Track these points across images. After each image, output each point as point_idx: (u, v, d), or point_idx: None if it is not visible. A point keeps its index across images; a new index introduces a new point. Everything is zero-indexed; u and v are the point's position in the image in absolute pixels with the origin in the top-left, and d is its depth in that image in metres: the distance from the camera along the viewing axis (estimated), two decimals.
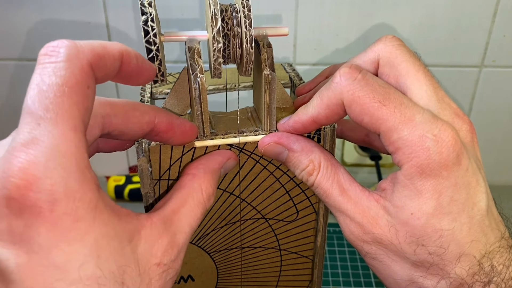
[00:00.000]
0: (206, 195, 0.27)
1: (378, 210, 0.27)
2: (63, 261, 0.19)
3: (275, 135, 0.29)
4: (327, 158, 0.29)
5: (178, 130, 0.27)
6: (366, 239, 0.27)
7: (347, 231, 0.28)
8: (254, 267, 0.36)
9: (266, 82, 0.28)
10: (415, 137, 0.24)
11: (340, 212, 0.28)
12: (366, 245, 0.27)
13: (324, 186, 0.28)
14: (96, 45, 0.21)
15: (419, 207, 0.25)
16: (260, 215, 0.34)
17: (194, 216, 0.26)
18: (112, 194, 0.64)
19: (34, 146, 0.19)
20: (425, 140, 0.24)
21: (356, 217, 0.27)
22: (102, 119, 0.24)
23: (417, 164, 0.25)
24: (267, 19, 0.57)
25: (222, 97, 0.35)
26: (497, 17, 0.56)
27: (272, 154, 0.30)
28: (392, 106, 0.25)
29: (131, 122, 0.25)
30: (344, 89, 0.26)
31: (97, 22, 0.57)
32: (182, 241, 0.25)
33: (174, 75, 0.37)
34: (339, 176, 0.28)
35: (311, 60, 0.60)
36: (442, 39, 0.58)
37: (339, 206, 0.28)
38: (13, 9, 0.57)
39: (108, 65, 0.22)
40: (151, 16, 0.26)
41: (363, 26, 0.57)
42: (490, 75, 0.60)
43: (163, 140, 0.28)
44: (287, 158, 0.29)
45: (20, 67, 0.60)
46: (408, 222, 0.25)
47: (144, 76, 0.25)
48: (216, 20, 0.27)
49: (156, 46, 0.26)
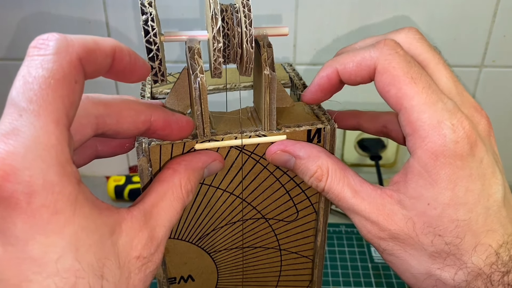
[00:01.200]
0: (185, 191, 0.27)
1: (392, 206, 0.27)
2: (40, 253, 0.19)
3: (282, 143, 0.29)
4: (335, 162, 0.29)
5: (175, 126, 0.27)
6: (383, 236, 0.27)
7: (364, 231, 0.28)
8: (254, 267, 0.36)
9: (266, 82, 0.28)
10: (434, 121, 0.25)
11: (354, 214, 0.28)
12: (383, 242, 0.28)
13: (335, 190, 0.28)
14: (87, 40, 0.21)
15: (435, 197, 0.25)
16: (260, 215, 0.34)
17: (174, 211, 0.26)
18: (112, 194, 0.64)
19: (14, 137, 0.18)
20: (443, 127, 0.25)
21: (371, 216, 0.27)
22: (96, 119, 0.24)
23: (432, 150, 0.25)
24: (267, 19, 0.57)
25: (222, 97, 0.35)
26: (497, 17, 0.56)
27: (280, 162, 0.30)
28: (421, 85, 0.25)
29: (126, 122, 0.25)
30: (382, 55, 0.26)
31: (97, 21, 0.57)
32: (161, 235, 0.24)
33: (174, 75, 0.37)
34: (349, 178, 0.28)
35: (311, 60, 0.60)
36: (442, 39, 0.58)
37: (353, 208, 0.28)
38: (12, 8, 0.57)
39: (99, 61, 0.22)
40: (151, 16, 0.26)
41: (363, 26, 0.57)
42: (490, 75, 0.60)
43: (160, 137, 0.28)
44: (295, 165, 0.29)
45: (19, 66, 0.60)
46: (425, 213, 0.26)
47: (137, 74, 0.25)
48: (216, 20, 0.27)
49: (156, 46, 0.26)
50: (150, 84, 0.36)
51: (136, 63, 0.24)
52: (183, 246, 0.34)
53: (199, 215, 0.32)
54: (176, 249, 0.34)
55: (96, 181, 0.67)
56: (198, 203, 0.32)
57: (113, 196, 0.64)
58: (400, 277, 0.29)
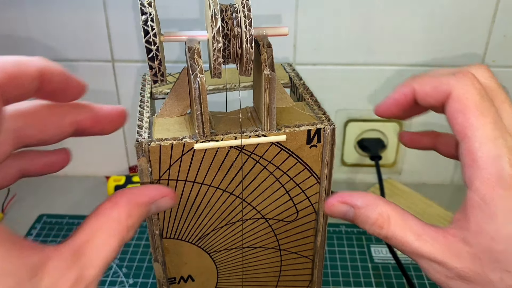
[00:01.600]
0: (124, 227, 0.24)
1: (457, 244, 0.26)
2: None
3: (338, 195, 0.29)
4: (394, 208, 0.29)
5: (106, 121, 0.26)
6: (451, 275, 0.27)
7: (431, 272, 0.28)
8: (254, 267, 0.36)
9: (266, 82, 0.28)
10: (493, 154, 0.25)
11: (420, 257, 0.28)
12: (452, 281, 0.27)
13: (398, 236, 0.28)
14: (7, 64, 0.20)
15: (498, 231, 0.25)
16: (260, 215, 0.34)
17: (109, 249, 0.23)
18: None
19: None
20: (501, 161, 0.25)
21: (438, 258, 0.27)
22: (14, 133, 0.23)
23: (489, 181, 0.25)
24: (267, 19, 0.57)
25: (222, 97, 0.35)
26: (497, 17, 0.56)
27: (339, 214, 0.30)
28: (489, 119, 0.26)
29: (51, 129, 0.24)
30: (459, 84, 0.27)
31: (97, 21, 0.57)
32: (92, 275, 0.22)
33: (174, 75, 0.37)
34: (410, 222, 0.28)
35: (311, 60, 0.60)
36: (442, 39, 0.58)
37: (417, 251, 0.27)
38: (12, 9, 0.57)
39: (22, 85, 0.21)
40: (151, 16, 0.26)
41: (363, 26, 0.57)
42: None
43: (93, 134, 0.27)
44: (354, 215, 0.29)
45: None
46: (490, 248, 0.25)
47: (70, 94, 0.24)
48: (216, 20, 0.27)
49: (156, 46, 0.26)
50: (150, 84, 0.36)
51: (68, 83, 0.23)
52: (183, 246, 0.34)
53: (199, 215, 0.32)
54: (176, 249, 0.34)
55: (96, 181, 0.67)
56: (198, 203, 0.32)
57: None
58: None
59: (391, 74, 0.60)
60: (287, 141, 0.31)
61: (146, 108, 0.33)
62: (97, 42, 0.59)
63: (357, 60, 0.60)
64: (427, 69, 0.59)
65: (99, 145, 0.66)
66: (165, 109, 0.32)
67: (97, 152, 0.66)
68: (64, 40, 0.58)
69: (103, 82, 0.61)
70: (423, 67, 0.59)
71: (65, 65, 0.64)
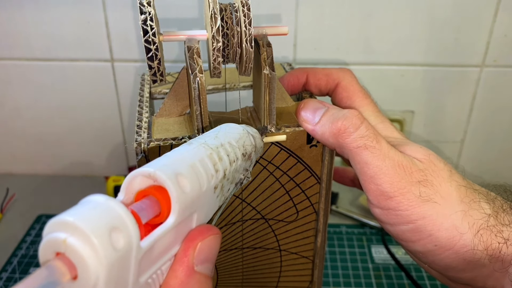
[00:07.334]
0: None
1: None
2: None
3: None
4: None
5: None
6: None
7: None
8: (254, 267, 0.36)
9: (265, 82, 0.28)
10: (380, 120, 0.33)
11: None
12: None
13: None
14: None
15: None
16: (260, 215, 0.33)
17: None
18: (111, 194, 0.64)
19: None
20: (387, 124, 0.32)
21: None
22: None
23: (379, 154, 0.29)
24: (267, 18, 0.57)
25: (221, 97, 0.35)
26: (498, 16, 0.56)
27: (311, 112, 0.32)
28: (370, 99, 0.34)
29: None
30: (346, 76, 0.34)
31: (96, 21, 0.57)
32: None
33: (173, 74, 0.37)
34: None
35: (311, 60, 0.60)
36: (443, 38, 0.57)
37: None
38: (12, 9, 0.57)
39: None
40: (150, 15, 0.26)
41: (363, 26, 0.57)
42: (491, 75, 0.60)
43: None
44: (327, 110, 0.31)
45: (19, 66, 0.60)
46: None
47: None
48: (216, 19, 0.27)
49: (155, 46, 0.26)
50: (149, 84, 0.36)
51: None
52: None
53: None
54: None
55: (95, 181, 0.67)
56: None
57: (112, 196, 0.64)
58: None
59: (391, 73, 0.60)
60: (287, 141, 0.30)
61: (145, 108, 0.32)
62: (96, 42, 0.58)
63: (357, 59, 0.59)
64: (427, 69, 0.59)
65: (98, 145, 0.66)
66: (164, 109, 0.32)
67: (97, 152, 0.66)
68: (64, 40, 0.58)
69: (102, 81, 0.61)
70: (423, 67, 0.59)
71: (65, 65, 0.64)
